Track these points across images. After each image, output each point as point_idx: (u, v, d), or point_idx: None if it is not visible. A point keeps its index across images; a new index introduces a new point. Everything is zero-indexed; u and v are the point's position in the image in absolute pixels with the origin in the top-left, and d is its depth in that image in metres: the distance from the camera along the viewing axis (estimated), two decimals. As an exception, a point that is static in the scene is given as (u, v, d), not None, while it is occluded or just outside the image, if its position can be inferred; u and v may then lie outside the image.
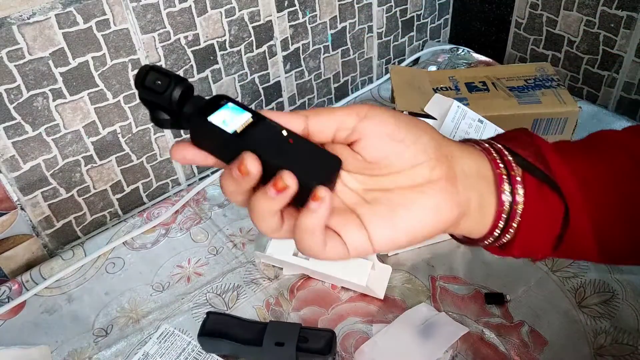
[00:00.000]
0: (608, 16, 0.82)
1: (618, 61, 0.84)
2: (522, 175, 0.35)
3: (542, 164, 0.36)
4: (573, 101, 0.74)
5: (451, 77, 0.81)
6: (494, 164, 0.36)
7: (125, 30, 0.64)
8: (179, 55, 0.70)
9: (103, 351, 0.57)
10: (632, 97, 0.85)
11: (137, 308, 0.61)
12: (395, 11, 0.95)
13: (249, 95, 0.81)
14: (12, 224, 0.66)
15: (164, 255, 0.68)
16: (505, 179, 0.35)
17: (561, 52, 0.91)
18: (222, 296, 0.62)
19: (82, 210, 0.71)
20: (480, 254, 0.63)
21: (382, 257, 0.64)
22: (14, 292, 0.64)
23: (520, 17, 0.95)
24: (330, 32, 0.86)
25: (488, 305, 0.58)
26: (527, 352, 0.53)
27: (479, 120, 0.68)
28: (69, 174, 0.68)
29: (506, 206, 0.35)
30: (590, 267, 0.61)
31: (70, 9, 0.59)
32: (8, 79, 0.58)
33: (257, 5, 0.74)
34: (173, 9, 0.67)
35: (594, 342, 0.54)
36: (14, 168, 0.63)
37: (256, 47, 0.78)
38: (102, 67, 0.64)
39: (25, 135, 0.62)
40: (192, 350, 0.56)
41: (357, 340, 0.56)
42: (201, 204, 0.75)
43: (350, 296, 0.60)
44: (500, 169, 0.35)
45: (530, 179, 0.35)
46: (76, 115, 0.65)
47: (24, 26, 0.56)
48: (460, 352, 0.54)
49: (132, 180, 0.75)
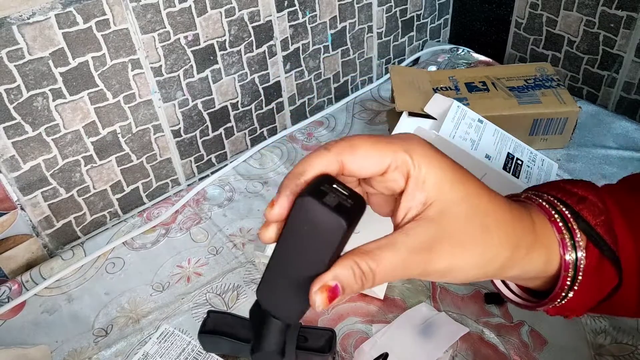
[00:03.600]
0: (608, 16, 0.82)
1: (618, 61, 0.84)
2: (585, 245, 0.33)
3: (611, 236, 0.33)
4: (573, 101, 0.74)
5: (451, 77, 0.81)
6: (555, 227, 0.34)
7: (125, 30, 0.64)
8: (179, 55, 0.70)
9: (103, 351, 0.57)
10: (632, 97, 0.85)
11: (137, 308, 0.61)
12: (395, 11, 0.95)
13: (249, 95, 0.81)
14: (12, 224, 0.66)
15: (164, 255, 0.68)
16: (568, 248, 0.33)
17: (561, 52, 0.91)
18: (222, 296, 0.62)
19: (82, 210, 0.71)
20: (480, 254, 0.63)
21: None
22: (14, 292, 0.64)
23: (520, 17, 0.95)
24: (330, 32, 0.86)
25: (488, 305, 0.58)
26: (527, 352, 0.53)
27: (478, 120, 0.68)
28: (69, 174, 0.68)
29: (570, 272, 0.33)
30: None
31: (70, 9, 0.59)
32: (8, 79, 0.58)
33: (257, 5, 0.75)
34: (173, 9, 0.67)
35: (594, 342, 0.54)
36: (14, 168, 0.63)
37: (256, 47, 0.78)
38: (102, 67, 0.64)
39: (25, 135, 0.62)
40: (192, 350, 0.56)
41: (357, 340, 0.56)
42: (201, 204, 0.75)
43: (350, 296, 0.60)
44: (564, 237, 0.33)
45: (593, 249, 0.33)
46: (76, 115, 0.65)
47: (24, 26, 0.56)
48: (460, 352, 0.54)
49: (132, 180, 0.75)
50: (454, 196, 0.30)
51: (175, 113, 0.74)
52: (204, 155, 0.81)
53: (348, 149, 0.30)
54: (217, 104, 0.78)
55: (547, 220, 0.34)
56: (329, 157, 0.30)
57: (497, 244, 0.31)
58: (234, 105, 0.80)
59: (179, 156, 0.78)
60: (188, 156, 0.79)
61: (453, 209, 0.30)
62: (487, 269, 0.32)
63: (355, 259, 0.29)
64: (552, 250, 0.33)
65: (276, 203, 0.30)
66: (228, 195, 0.76)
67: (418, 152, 0.30)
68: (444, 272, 0.31)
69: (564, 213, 0.34)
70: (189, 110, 0.75)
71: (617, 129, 0.81)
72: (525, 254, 0.33)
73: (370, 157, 0.30)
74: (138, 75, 0.68)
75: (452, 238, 0.30)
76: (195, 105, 0.76)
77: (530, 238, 0.33)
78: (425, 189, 0.30)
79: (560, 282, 0.34)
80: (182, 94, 0.73)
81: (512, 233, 0.32)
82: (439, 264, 0.30)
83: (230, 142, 0.83)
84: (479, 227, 0.31)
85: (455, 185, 0.31)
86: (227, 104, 0.80)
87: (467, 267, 0.31)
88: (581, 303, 0.35)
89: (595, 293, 0.35)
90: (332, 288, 0.29)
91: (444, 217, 0.30)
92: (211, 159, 0.82)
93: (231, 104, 0.80)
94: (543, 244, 0.33)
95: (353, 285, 0.29)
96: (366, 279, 0.29)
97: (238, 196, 0.75)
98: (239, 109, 0.81)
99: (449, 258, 0.30)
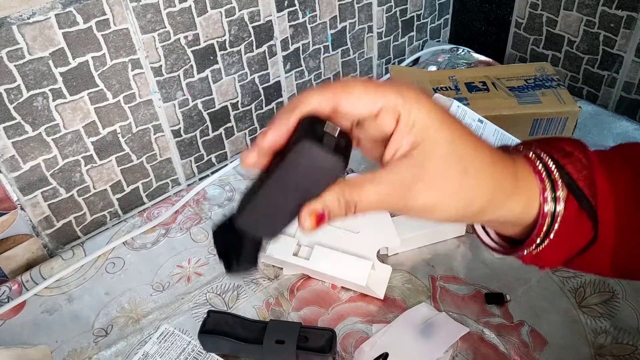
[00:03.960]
0: (608, 16, 0.82)
1: (618, 61, 0.84)
2: (565, 197, 0.35)
3: (591, 190, 0.35)
4: (573, 101, 0.74)
5: (451, 77, 0.81)
6: (538, 177, 0.35)
7: (125, 30, 0.64)
8: (179, 55, 0.70)
9: (103, 351, 0.57)
10: (632, 97, 0.85)
11: (137, 308, 0.61)
12: (395, 11, 0.95)
13: (249, 95, 0.81)
14: (12, 224, 0.66)
15: (164, 255, 0.68)
16: (548, 197, 0.35)
17: (561, 52, 0.91)
18: (222, 296, 0.62)
19: (82, 210, 0.71)
20: (480, 254, 0.63)
21: (382, 257, 0.64)
22: (14, 292, 0.64)
23: (520, 17, 0.95)
24: (330, 32, 0.86)
25: (488, 305, 0.58)
26: (527, 352, 0.53)
27: (479, 120, 0.68)
28: (69, 173, 0.68)
29: (547, 220, 0.35)
30: (590, 267, 0.61)
31: (70, 9, 0.59)
32: (8, 79, 0.58)
33: (257, 5, 0.74)
34: (173, 9, 0.67)
35: (594, 342, 0.54)
36: (14, 168, 0.63)
37: (256, 47, 0.78)
38: (102, 67, 0.64)
39: (25, 135, 0.62)
40: (192, 350, 0.56)
41: (357, 340, 0.56)
42: (201, 204, 0.75)
43: (350, 296, 0.60)
44: (545, 187, 0.35)
45: (572, 201, 0.35)
46: (76, 115, 0.65)
47: (24, 26, 0.56)
48: (460, 352, 0.54)
49: (132, 180, 0.75)
50: (439, 139, 0.32)
51: (176, 113, 0.74)
52: (204, 155, 0.81)
53: (343, 90, 0.32)
54: (217, 104, 0.78)
55: (530, 170, 0.35)
56: (324, 95, 0.32)
57: (475, 187, 0.33)
58: (234, 105, 0.80)
59: (179, 156, 0.78)
60: (188, 156, 0.79)
61: (436, 150, 0.32)
62: (466, 211, 0.34)
63: (343, 188, 0.32)
64: (532, 198, 0.35)
65: (269, 132, 0.32)
66: (228, 195, 0.76)
67: (409, 97, 0.32)
68: (423, 209, 0.33)
69: (548, 165, 0.35)
70: (189, 110, 0.75)
71: (617, 129, 0.81)
72: (505, 199, 0.34)
73: (364, 98, 0.32)
74: (138, 75, 0.68)
75: (431, 178, 0.32)
76: (195, 105, 0.76)
77: (510, 185, 0.34)
78: (412, 132, 0.32)
79: (537, 228, 0.35)
80: (182, 94, 0.73)
81: (490, 178, 0.34)
82: (417, 201, 0.32)
83: (231, 142, 0.83)
84: (458, 170, 0.32)
85: (441, 128, 0.32)
86: (227, 104, 0.79)
87: (445, 207, 0.33)
88: (556, 253, 0.36)
89: (571, 244, 0.36)
90: (320, 214, 0.32)
91: (426, 158, 0.32)
92: (211, 159, 0.82)
93: (231, 104, 0.80)
94: (523, 191, 0.35)
95: (337, 212, 0.32)
96: (349, 207, 0.32)
97: (238, 196, 0.75)
98: (239, 109, 0.81)
99: (426, 197, 0.32)
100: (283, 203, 0.33)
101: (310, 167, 0.31)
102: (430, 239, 0.65)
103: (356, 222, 0.62)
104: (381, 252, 0.64)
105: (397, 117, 0.32)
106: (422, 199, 0.32)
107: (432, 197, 0.32)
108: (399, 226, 0.63)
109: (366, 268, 0.58)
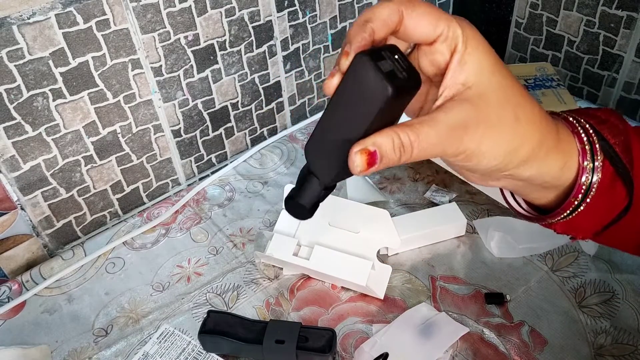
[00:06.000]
0: (608, 16, 0.82)
1: (618, 61, 0.84)
2: (602, 162, 0.35)
3: (627, 156, 0.35)
4: (573, 101, 0.74)
5: (451, 77, 0.81)
6: (578, 138, 0.35)
7: (125, 30, 0.64)
8: (179, 55, 0.70)
9: (103, 351, 0.57)
10: (632, 97, 0.85)
11: (137, 308, 0.61)
12: (395, 11, 0.95)
13: (249, 95, 0.81)
14: (12, 224, 0.66)
15: (164, 255, 0.68)
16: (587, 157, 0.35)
17: (561, 52, 0.91)
18: (222, 296, 0.62)
19: (82, 210, 0.71)
20: (480, 254, 0.63)
21: (382, 257, 0.64)
22: (14, 292, 0.64)
23: (520, 17, 0.95)
24: (330, 32, 0.86)
25: (488, 305, 0.58)
26: (527, 352, 0.53)
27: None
28: (69, 173, 0.68)
29: (584, 186, 0.35)
30: (591, 267, 0.61)
31: (70, 9, 0.59)
32: (8, 79, 0.58)
33: (257, 5, 0.74)
34: (173, 9, 0.67)
35: (594, 342, 0.54)
36: (14, 168, 0.63)
37: (256, 47, 0.78)
38: (102, 67, 0.64)
39: (25, 135, 0.62)
40: (192, 350, 0.56)
41: (357, 340, 0.56)
42: (201, 204, 0.75)
43: (350, 296, 0.60)
44: (586, 150, 0.35)
45: (608, 167, 0.35)
46: (76, 115, 0.65)
47: (24, 26, 0.56)
48: (460, 352, 0.54)
49: (132, 180, 0.75)
50: (493, 83, 0.32)
51: (176, 113, 0.74)
52: (204, 155, 0.81)
53: (410, 4, 0.31)
54: (217, 104, 0.78)
55: (570, 132, 0.36)
56: (392, 6, 0.31)
57: (524, 134, 0.33)
58: (234, 105, 0.80)
59: (179, 156, 0.78)
60: (188, 156, 0.79)
61: (491, 94, 0.32)
62: (511, 158, 0.33)
63: (396, 129, 0.31)
64: (571, 157, 0.35)
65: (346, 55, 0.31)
66: (228, 195, 0.76)
67: (469, 32, 0.32)
68: (473, 152, 0.32)
69: (587, 129, 0.36)
70: (189, 110, 0.75)
71: (617, 129, 0.81)
72: (546, 153, 0.34)
73: (428, 17, 0.31)
74: (138, 75, 0.68)
75: (487, 121, 0.32)
76: (195, 105, 0.76)
77: (552, 140, 0.34)
78: (465, 69, 0.32)
79: (575, 190, 0.35)
80: (182, 94, 0.73)
81: (537, 129, 0.34)
82: (471, 143, 0.32)
83: (231, 142, 0.83)
84: (512, 115, 0.32)
85: (495, 72, 0.32)
86: (227, 104, 0.80)
87: (494, 150, 0.32)
88: (590, 220, 0.36)
89: (605, 212, 0.36)
90: (371, 153, 0.30)
91: (482, 100, 0.32)
92: (211, 159, 0.82)
93: (231, 104, 0.80)
94: (564, 149, 0.35)
95: (391, 155, 0.31)
96: (404, 150, 0.31)
97: (238, 196, 0.75)
98: (239, 109, 0.81)
99: (481, 138, 0.32)
100: (336, 133, 0.31)
101: (360, 88, 0.30)
102: (430, 239, 0.65)
103: (356, 222, 0.62)
104: (381, 252, 0.64)
105: (453, 49, 0.32)
106: (475, 142, 0.32)
107: (486, 141, 0.32)
108: (399, 226, 0.63)
109: (366, 268, 0.58)
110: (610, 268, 0.60)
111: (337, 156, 0.32)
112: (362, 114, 0.30)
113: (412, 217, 0.65)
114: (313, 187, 0.35)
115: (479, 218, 0.68)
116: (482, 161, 0.33)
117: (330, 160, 0.33)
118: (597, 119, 0.37)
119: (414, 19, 0.31)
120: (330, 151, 0.33)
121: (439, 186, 0.73)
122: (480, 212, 0.69)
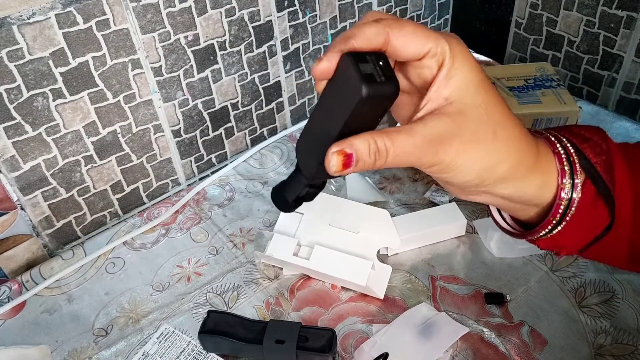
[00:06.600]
0: (608, 16, 0.82)
1: (618, 61, 0.84)
2: (583, 181, 0.35)
3: (609, 175, 0.35)
4: (573, 101, 0.74)
5: (451, 77, 0.81)
6: (557, 158, 0.36)
7: (125, 30, 0.64)
8: (179, 55, 0.70)
9: (103, 351, 0.57)
10: (632, 97, 0.85)
11: (137, 308, 0.61)
12: (395, 11, 0.95)
13: (249, 95, 0.81)
14: (12, 224, 0.66)
15: (164, 255, 0.68)
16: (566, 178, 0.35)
17: (561, 52, 0.91)
18: (222, 296, 0.62)
19: (82, 210, 0.71)
20: (480, 254, 0.63)
21: (382, 257, 0.64)
22: (14, 292, 0.64)
23: (520, 17, 0.95)
24: (330, 32, 0.86)
25: (488, 305, 0.58)
26: (527, 352, 0.53)
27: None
28: (69, 173, 0.68)
29: (564, 203, 0.35)
30: (590, 267, 0.61)
31: (70, 9, 0.59)
32: (8, 79, 0.58)
33: (257, 5, 0.75)
34: (173, 9, 0.67)
35: (594, 342, 0.54)
36: (14, 168, 0.63)
37: (256, 47, 0.78)
38: (102, 67, 0.64)
39: (25, 135, 0.62)
40: (192, 350, 0.56)
41: (357, 340, 0.56)
42: (201, 204, 0.75)
43: (350, 296, 0.60)
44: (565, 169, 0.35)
45: (590, 186, 0.35)
46: (76, 115, 0.65)
47: (24, 26, 0.56)
48: (460, 352, 0.54)
49: (132, 180, 0.75)
50: (477, 99, 0.32)
51: (176, 113, 0.74)
52: (204, 155, 0.81)
53: (397, 24, 0.32)
54: (217, 104, 0.78)
55: (550, 151, 0.36)
56: (379, 27, 0.32)
57: (501, 152, 0.33)
58: (234, 105, 0.80)
59: (179, 156, 0.78)
60: (188, 156, 0.79)
61: (471, 111, 0.32)
62: (488, 174, 0.34)
63: (374, 135, 0.32)
64: (551, 177, 0.35)
65: (324, 57, 0.32)
66: (228, 195, 0.76)
67: (457, 48, 0.32)
68: (448, 165, 0.33)
69: (568, 148, 0.36)
70: (189, 110, 0.75)
71: (617, 129, 0.81)
72: (525, 172, 0.35)
73: (415, 36, 0.32)
74: (138, 75, 0.68)
75: (464, 136, 0.32)
76: (195, 105, 0.76)
77: (532, 160, 0.35)
78: (451, 84, 0.32)
79: (554, 209, 0.35)
80: (182, 94, 0.73)
81: (516, 148, 0.34)
82: (445, 155, 0.32)
83: (231, 142, 0.83)
84: (490, 133, 0.33)
85: (480, 89, 0.33)
86: (227, 104, 0.80)
87: (468, 165, 0.33)
88: (572, 238, 0.37)
89: (587, 230, 0.36)
90: (348, 155, 0.31)
91: (462, 116, 0.32)
92: (211, 159, 0.82)
93: (231, 104, 0.80)
94: (543, 169, 0.35)
95: (366, 159, 0.31)
96: (379, 156, 0.32)
97: (238, 196, 0.75)
98: (239, 109, 0.81)
99: (456, 152, 0.32)
100: (317, 132, 0.32)
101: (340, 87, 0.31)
102: (430, 239, 0.65)
103: (356, 222, 0.62)
104: (381, 252, 0.64)
105: (440, 64, 0.32)
106: (451, 156, 0.32)
107: (462, 155, 0.32)
108: (398, 226, 0.63)
109: (366, 268, 0.58)
110: (610, 268, 0.60)
111: (317, 154, 0.33)
112: (339, 114, 0.31)
113: (412, 217, 0.65)
114: (297, 182, 0.36)
115: (479, 218, 0.68)
116: (457, 175, 0.34)
117: (311, 158, 0.34)
118: (580, 137, 0.37)
119: (401, 39, 0.32)
120: (311, 149, 0.34)
121: (439, 186, 0.73)
122: (480, 212, 0.69)
